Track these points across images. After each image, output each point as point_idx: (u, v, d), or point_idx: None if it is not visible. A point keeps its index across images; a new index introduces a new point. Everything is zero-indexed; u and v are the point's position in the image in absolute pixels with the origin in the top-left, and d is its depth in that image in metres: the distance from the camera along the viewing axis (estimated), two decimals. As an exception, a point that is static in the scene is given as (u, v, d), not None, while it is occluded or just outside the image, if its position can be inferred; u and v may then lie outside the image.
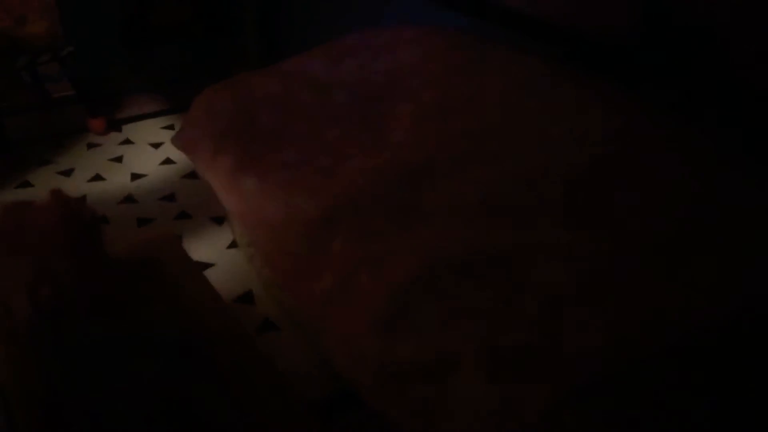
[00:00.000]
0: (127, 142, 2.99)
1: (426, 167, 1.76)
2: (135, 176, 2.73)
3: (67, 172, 2.73)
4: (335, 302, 1.51)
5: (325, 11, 3.09)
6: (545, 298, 1.30)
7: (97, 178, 2.70)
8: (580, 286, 1.31)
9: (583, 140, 1.67)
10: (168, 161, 2.83)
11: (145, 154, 2.90)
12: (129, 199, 2.57)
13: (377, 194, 1.70)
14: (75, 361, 1.09)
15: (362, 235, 1.61)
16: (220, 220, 2.44)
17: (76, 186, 2.63)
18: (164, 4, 3.35)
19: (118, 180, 2.70)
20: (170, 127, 3.12)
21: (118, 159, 2.85)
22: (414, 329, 1.35)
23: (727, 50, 1.63)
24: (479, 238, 1.49)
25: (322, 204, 1.69)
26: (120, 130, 3.08)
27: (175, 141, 2.05)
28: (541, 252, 1.42)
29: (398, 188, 1.71)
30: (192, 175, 2.68)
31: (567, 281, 1.33)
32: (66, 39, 3.07)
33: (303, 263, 1.62)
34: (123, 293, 1.26)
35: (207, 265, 2.22)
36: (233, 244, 2.32)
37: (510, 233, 1.50)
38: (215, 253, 2.28)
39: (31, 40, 2.80)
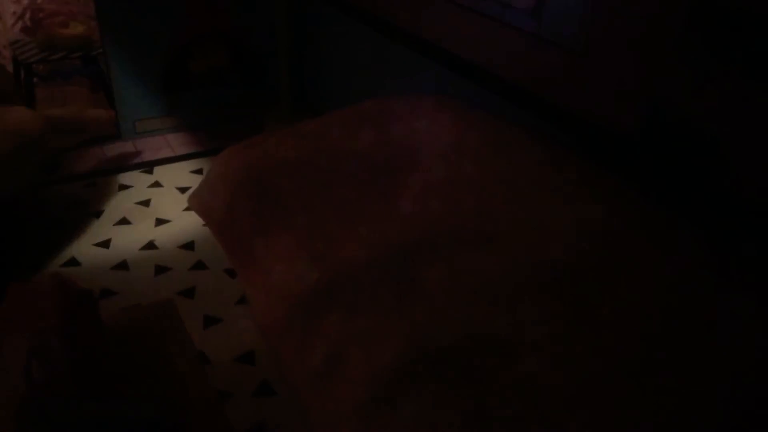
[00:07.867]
0: (157, 184, 3.12)
1: (429, 243, 1.77)
2: (159, 221, 2.84)
3: (97, 214, 2.86)
4: (323, 380, 1.51)
5: (358, 65, 3.17)
6: (529, 398, 1.30)
7: (124, 221, 2.83)
8: (572, 390, 1.30)
9: (582, 233, 1.67)
10: (192, 207, 2.93)
11: (171, 199, 3.01)
12: (150, 245, 2.68)
13: (377, 267, 1.71)
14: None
15: (357, 310, 1.63)
16: (233, 273, 2.52)
17: (104, 229, 2.77)
18: (203, 51, 3.48)
19: (143, 225, 2.81)
20: (199, 171, 3.23)
21: (146, 203, 2.97)
22: (397, 418, 1.35)
23: (727, 161, 1.63)
24: (471, 326, 1.49)
25: (323, 274, 1.71)
26: (152, 172, 3.20)
27: (191, 201, 2.12)
28: (533, 349, 1.42)
29: (399, 262, 1.72)
30: (213, 224, 2.77)
31: (562, 384, 1.31)
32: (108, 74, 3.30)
33: (297, 335, 1.64)
34: (115, 368, 1.32)
35: (214, 320, 2.29)
36: (243, 300, 2.38)
37: (504, 323, 1.50)
38: (224, 308, 2.35)
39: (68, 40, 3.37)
